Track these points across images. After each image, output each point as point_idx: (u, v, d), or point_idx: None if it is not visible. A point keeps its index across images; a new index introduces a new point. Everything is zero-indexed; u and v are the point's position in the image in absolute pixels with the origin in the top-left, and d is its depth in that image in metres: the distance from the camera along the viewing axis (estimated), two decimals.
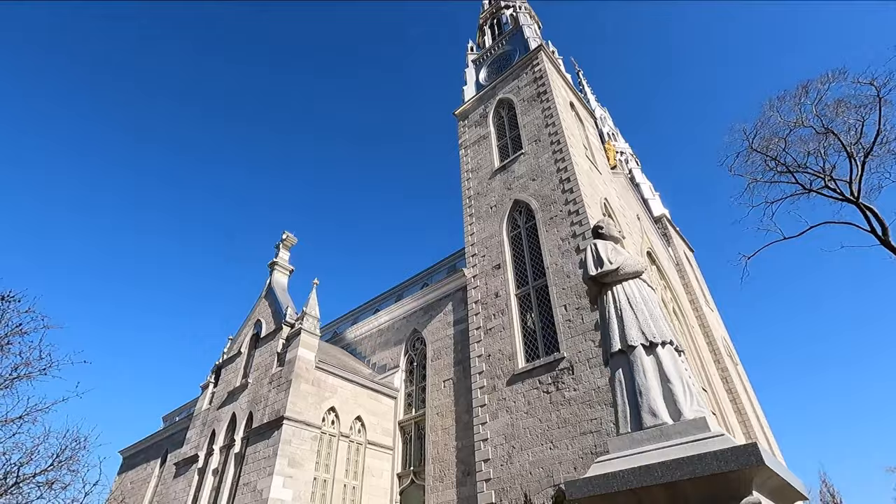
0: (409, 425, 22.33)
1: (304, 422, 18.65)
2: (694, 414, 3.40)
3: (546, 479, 16.08)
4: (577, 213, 20.90)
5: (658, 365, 3.71)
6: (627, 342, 3.87)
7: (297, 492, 17.36)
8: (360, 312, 36.75)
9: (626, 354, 3.88)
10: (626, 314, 4.02)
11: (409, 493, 20.54)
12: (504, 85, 30.11)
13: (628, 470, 3.12)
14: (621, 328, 3.99)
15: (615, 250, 4.51)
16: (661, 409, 3.49)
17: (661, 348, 3.79)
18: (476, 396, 19.66)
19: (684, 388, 3.56)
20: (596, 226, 4.89)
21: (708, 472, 2.80)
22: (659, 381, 3.64)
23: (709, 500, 2.87)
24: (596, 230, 4.88)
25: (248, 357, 23.51)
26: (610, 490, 3.13)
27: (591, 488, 3.22)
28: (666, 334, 3.86)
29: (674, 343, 3.84)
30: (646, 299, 4.14)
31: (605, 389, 16.23)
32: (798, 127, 10.71)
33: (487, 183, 26.48)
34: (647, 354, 3.79)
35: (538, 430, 17.14)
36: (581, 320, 18.20)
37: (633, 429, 3.56)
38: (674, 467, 2.95)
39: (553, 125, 24.79)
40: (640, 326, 3.92)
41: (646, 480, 3.03)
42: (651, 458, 3.17)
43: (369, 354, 26.55)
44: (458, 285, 24.18)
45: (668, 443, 3.25)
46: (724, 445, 2.89)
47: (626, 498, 3.11)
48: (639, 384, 3.66)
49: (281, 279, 26.25)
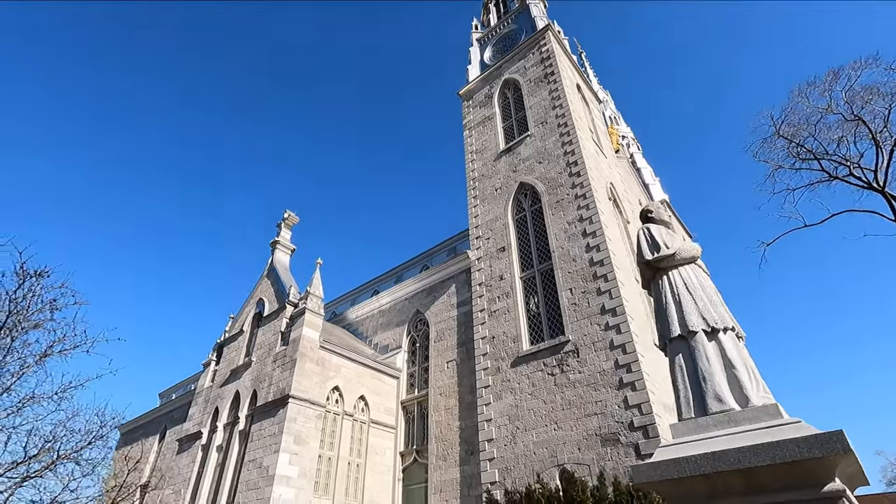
0: (411, 405, 22.53)
1: (309, 400, 18.75)
2: (762, 400, 3.39)
3: (550, 459, 16.33)
4: (584, 197, 20.82)
5: (721, 350, 3.69)
6: (688, 327, 3.84)
7: (302, 469, 17.54)
8: (358, 293, 36.76)
9: (687, 340, 3.84)
10: (685, 299, 3.98)
11: (411, 470, 20.84)
12: (510, 65, 29.64)
13: (700, 455, 3.10)
14: (680, 313, 3.95)
15: (669, 234, 4.45)
16: (727, 394, 3.48)
17: (722, 334, 3.76)
18: (480, 378, 19.81)
19: (749, 374, 3.54)
20: (645, 209, 4.82)
21: (790, 459, 2.79)
22: (722, 367, 3.62)
23: (788, 487, 2.87)
24: (645, 214, 4.81)
25: (251, 335, 23.48)
26: (681, 475, 3.13)
27: (661, 473, 3.21)
28: (727, 320, 3.83)
29: (734, 329, 3.82)
30: (703, 284, 4.09)
31: (611, 372, 16.41)
32: (827, 114, 10.66)
33: (492, 165, 26.25)
34: (709, 340, 3.76)
35: (542, 411, 17.35)
36: (587, 304, 18.28)
37: (697, 414, 3.55)
38: (751, 453, 2.93)
39: (560, 107, 24.50)
40: (700, 312, 3.88)
41: (720, 466, 3.02)
42: (722, 443, 3.16)
43: (371, 335, 26.62)
44: (461, 267, 24.16)
45: (738, 428, 3.24)
46: (803, 432, 2.88)
47: (698, 483, 3.10)
48: (702, 370, 3.64)
49: (283, 258, 26.11)
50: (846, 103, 10.61)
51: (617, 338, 16.79)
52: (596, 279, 18.49)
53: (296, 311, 21.10)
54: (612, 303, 17.57)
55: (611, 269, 18.32)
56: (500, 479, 17.14)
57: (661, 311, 4.13)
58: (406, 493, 20.42)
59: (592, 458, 15.39)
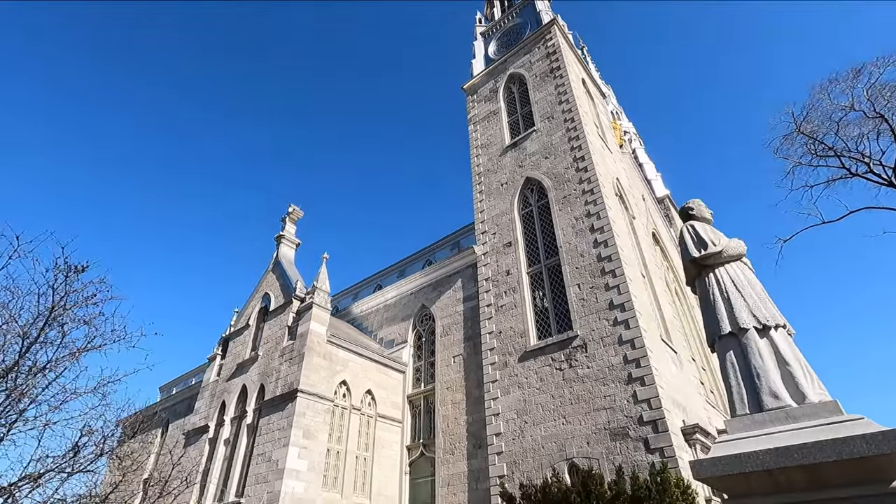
0: (417, 399, 22.62)
1: (318, 395, 18.79)
2: (819, 397, 3.43)
3: (559, 452, 16.45)
4: (591, 193, 20.84)
5: (773, 347, 3.72)
6: (739, 325, 3.87)
7: (311, 462, 17.61)
8: (360, 288, 36.76)
9: (737, 337, 3.87)
10: (734, 296, 4.01)
11: (418, 464, 20.95)
12: (515, 59, 29.53)
13: (763, 451, 3.14)
14: (729, 311, 3.98)
15: (714, 231, 4.47)
16: (783, 391, 3.51)
17: (774, 331, 3.80)
18: (487, 372, 19.88)
19: (804, 371, 3.58)
20: (686, 207, 4.84)
21: (857, 455, 2.83)
22: (776, 364, 3.65)
23: (853, 483, 2.91)
24: (686, 212, 4.82)
25: (257, 330, 23.47)
26: (743, 470, 3.16)
27: (723, 468, 3.24)
28: (778, 317, 3.87)
29: (786, 326, 3.85)
30: (751, 281, 4.12)
31: (619, 367, 16.50)
32: (849, 111, 10.70)
33: (498, 160, 26.22)
34: (761, 337, 3.79)
35: (551, 405, 17.44)
36: (595, 299, 18.35)
37: (752, 410, 3.58)
38: (815, 449, 2.97)
39: (567, 102, 24.46)
40: (750, 309, 3.91)
41: (783, 461, 3.05)
42: (784, 439, 3.20)
43: (376, 329, 26.65)
44: (467, 262, 24.18)
45: (798, 425, 3.28)
46: (871, 429, 2.92)
47: (760, 478, 3.14)
48: (755, 366, 3.67)
49: (288, 252, 26.06)
50: (868, 101, 10.66)
51: (626, 333, 16.87)
52: (604, 275, 18.55)
53: (302, 306, 21.09)
54: (621, 298, 17.64)
55: (619, 264, 18.37)
56: (509, 472, 17.26)
57: (708, 309, 4.15)
58: (413, 486, 20.54)
59: (601, 452, 15.50)
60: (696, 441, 15.53)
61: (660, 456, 14.36)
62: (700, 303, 4.32)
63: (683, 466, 13.83)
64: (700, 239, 4.37)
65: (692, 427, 15.56)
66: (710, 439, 16.33)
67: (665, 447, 14.39)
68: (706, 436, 16.05)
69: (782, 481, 3.10)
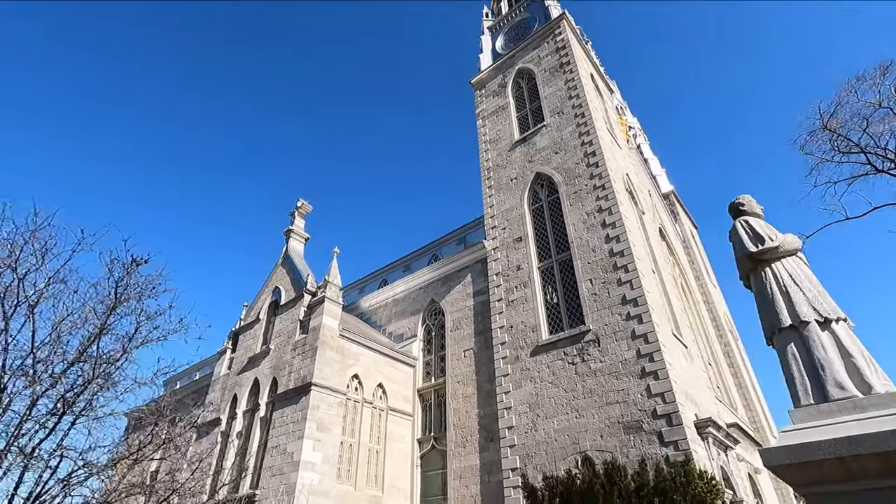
0: (427, 393, 22.77)
1: (331, 388, 18.92)
2: (884, 387, 3.53)
3: (572, 446, 16.62)
4: (602, 188, 20.91)
5: (836, 340, 3.82)
6: (799, 318, 3.96)
7: (326, 455, 17.76)
8: (366, 282, 36.87)
9: (798, 330, 3.97)
10: (793, 290, 4.10)
11: (429, 457, 21.13)
12: (523, 54, 29.48)
13: (834, 440, 3.24)
14: (789, 304, 4.07)
15: (769, 226, 4.56)
16: (848, 382, 3.61)
17: (835, 324, 3.89)
18: (499, 366, 20.02)
19: (867, 362, 3.68)
20: (737, 203, 4.92)
21: None
22: (839, 356, 3.75)
23: None
24: (737, 207, 4.90)
25: (268, 324, 23.56)
26: (815, 458, 3.27)
27: (793, 456, 3.35)
28: (838, 311, 3.97)
29: (846, 319, 3.95)
30: (808, 276, 4.22)
31: (633, 362, 16.64)
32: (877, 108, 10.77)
33: (507, 155, 26.25)
34: (822, 330, 3.89)
35: (563, 399, 17.60)
36: (607, 294, 18.47)
37: (817, 401, 3.68)
38: (890, 437, 3.07)
39: (577, 97, 24.48)
40: (809, 302, 4.01)
41: (857, 449, 3.15)
42: (854, 428, 3.30)
43: (385, 323, 26.76)
44: (477, 257, 24.26)
45: (867, 414, 3.38)
46: None
47: (832, 466, 3.24)
48: (818, 358, 3.77)
49: (297, 247, 26.11)
50: None
51: (639, 328, 17.00)
52: (616, 270, 18.66)
53: (314, 300, 21.17)
54: (634, 293, 17.76)
55: (631, 259, 18.48)
56: (522, 465, 17.43)
57: (766, 303, 4.24)
58: (424, 478, 20.73)
59: (615, 445, 15.67)
60: (708, 434, 15.71)
61: (674, 449, 14.53)
62: (756, 297, 4.41)
63: (698, 459, 13.99)
64: (756, 234, 4.45)
65: (705, 420, 15.74)
66: (721, 433, 16.53)
67: (679, 440, 14.55)
68: (718, 429, 16.24)
69: (855, 469, 3.20)
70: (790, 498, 25.12)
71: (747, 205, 4.88)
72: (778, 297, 4.15)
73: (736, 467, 17.74)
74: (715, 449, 16.07)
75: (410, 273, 31.39)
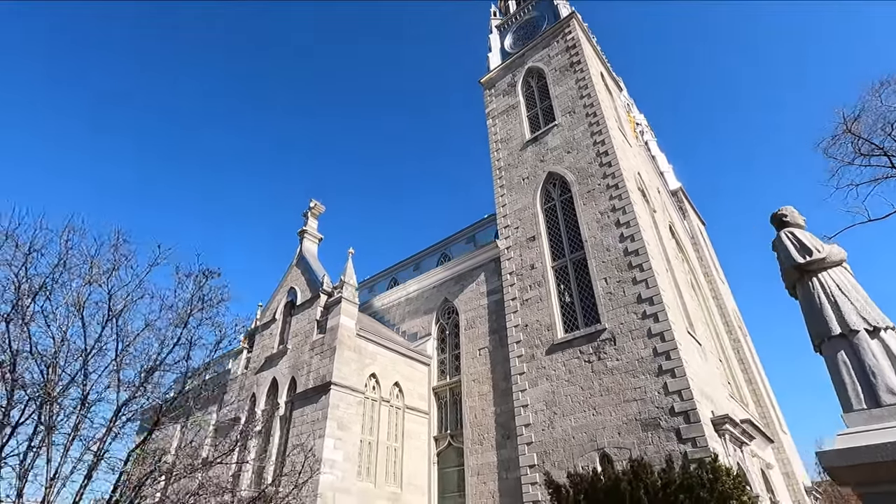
0: (443, 391, 23.06)
1: (350, 387, 19.21)
2: None
3: (590, 443, 16.87)
4: (616, 188, 21.08)
5: (885, 347, 4.04)
6: (849, 326, 4.17)
7: (346, 453, 18.06)
8: (375, 281, 37.18)
9: (847, 338, 4.18)
10: (840, 300, 4.31)
11: (446, 454, 21.43)
12: (533, 53, 29.58)
13: (890, 443, 3.46)
14: (837, 314, 4.28)
15: (813, 238, 4.76)
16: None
17: (884, 332, 4.11)
18: (514, 365, 20.25)
19: None
20: (780, 214, 5.12)
21: None
22: (889, 363, 3.96)
23: None
24: (780, 218, 5.10)
25: (284, 324, 23.85)
26: (872, 460, 3.49)
27: (851, 458, 3.57)
28: (886, 319, 4.18)
29: (894, 327, 4.16)
30: (854, 286, 4.43)
31: (649, 360, 16.86)
32: None
33: (518, 154, 26.41)
34: (872, 338, 4.11)
35: (580, 397, 17.83)
36: (622, 293, 18.66)
37: (869, 406, 3.90)
38: None
39: (588, 97, 24.60)
40: (858, 312, 4.22)
41: None
42: None
43: (398, 322, 27.03)
44: (490, 256, 24.48)
45: None
46: None
47: (889, 468, 3.46)
48: (869, 365, 3.99)
49: (311, 247, 26.36)
50: None
51: (655, 326, 17.21)
52: (631, 269, 18.85)
53: (331, 300, 21.43)
54: (649, 292, 17.96)
55: (646, 258, 18.67)
56: (539, 462, 17.70)
57: (814, 312, 4.45)
58: (441, 475, 21.04)
59: (633, 442, 15.91)
60: (725, 431, 15.94)
61: (691, 445, 14.77)
62: (803, 306, 4.62)
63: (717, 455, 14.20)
64: (803, 245, 4.66)
65: (722, 417, 15.96)
66: (738, 430, 16.76)
67: (697, 437, 14.79)
68: (735, 426, 16.47)
69: None
70: (801, 494, 25.36)
71: (790, 216, 5.07)
72: (826, 307, 4.36)
73: (751, 463, 17.97)
74: (731, 445, 16.29)
75: (419, 272, 31.68)
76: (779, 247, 4.90)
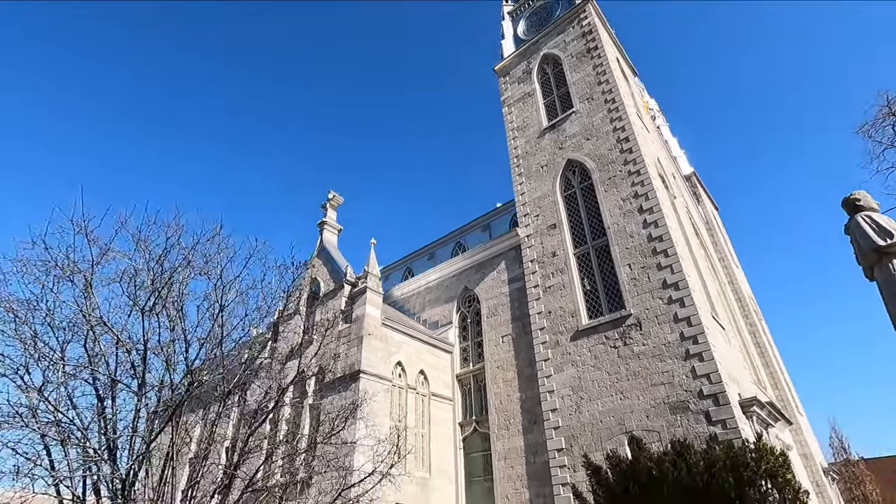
0: (466, 378, 23.37)
1: (378, 375, 19.52)
2: None
3: (618, 426, 17.14)
4: (637, 174, 21.10)
5: None
6: None
7: (377, 439, 18.38)
8: (391, 270, 37.43)
9: None
10: None
11: (471, 439, 21.80)
12: (548, 40, 29.38)
13: None
14: None
15: (890, 221, 4.88)
16: None
17: None
18: (539, 351, 20.49)
19: None
20: (853, 198, 5.23)
21: None
22: None
23: None
24: (853, 203, 5.21)
25: (307, 314, 24.13)
26: None
27: None
28: None
29: None
30: None
31: (676, 344, 17.04)
32: None
33: (536, 142, 26.39)
34: None
35: (607, 382, 18.07)
36: (647, 279, 18.80)
37: None
38: None
39: (606, 83, 24.50)
40: None
41: None
42: None
43: (419, 311, 27.29)
44: (510, 244, 24.61)
45: None
46: None
47: None
48: None
49: (331, 238, 26.57)
50: None
51: (681, 311, 17.36)
52: (656, 255, 18.95)
53: (355, 291, 21.68)
54: (674, 277, 18.08)
55: (671, 244, 18.76)
56: (567, 445, 18.02)
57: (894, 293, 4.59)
58: (467, 460, 21.43)
59: (662, 425, 16.17)
60: (753, 413, 16.16)
61: (721, 427, 15.00)
62: (882, 288, 4.75)
63: (746, 437, 14.45)
64: (882, 228, 4.78)
65: (749, 399, 16.17)
66: (764, 411, 16.97)
67: (727, 419, 15.01)
68: (762, 408, 16.68)
69: None
70: (819, 475, 25.65)
71: (864, 200, 5.19)
72: None
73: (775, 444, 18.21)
74: (759, 427, 16.52)
75: (434, 261, 31.93)
76: (856, 230, 5.02)
